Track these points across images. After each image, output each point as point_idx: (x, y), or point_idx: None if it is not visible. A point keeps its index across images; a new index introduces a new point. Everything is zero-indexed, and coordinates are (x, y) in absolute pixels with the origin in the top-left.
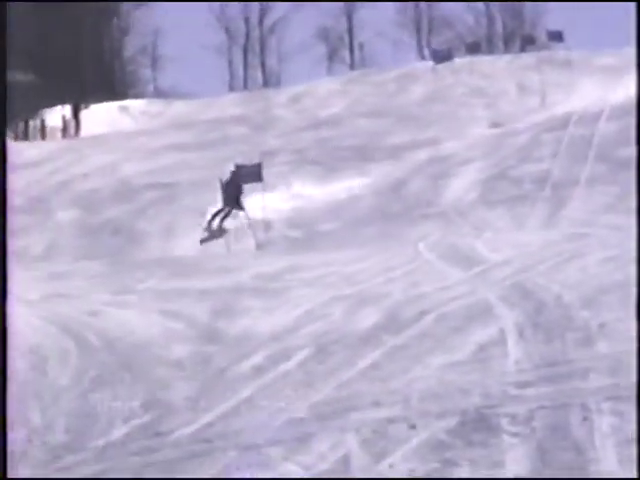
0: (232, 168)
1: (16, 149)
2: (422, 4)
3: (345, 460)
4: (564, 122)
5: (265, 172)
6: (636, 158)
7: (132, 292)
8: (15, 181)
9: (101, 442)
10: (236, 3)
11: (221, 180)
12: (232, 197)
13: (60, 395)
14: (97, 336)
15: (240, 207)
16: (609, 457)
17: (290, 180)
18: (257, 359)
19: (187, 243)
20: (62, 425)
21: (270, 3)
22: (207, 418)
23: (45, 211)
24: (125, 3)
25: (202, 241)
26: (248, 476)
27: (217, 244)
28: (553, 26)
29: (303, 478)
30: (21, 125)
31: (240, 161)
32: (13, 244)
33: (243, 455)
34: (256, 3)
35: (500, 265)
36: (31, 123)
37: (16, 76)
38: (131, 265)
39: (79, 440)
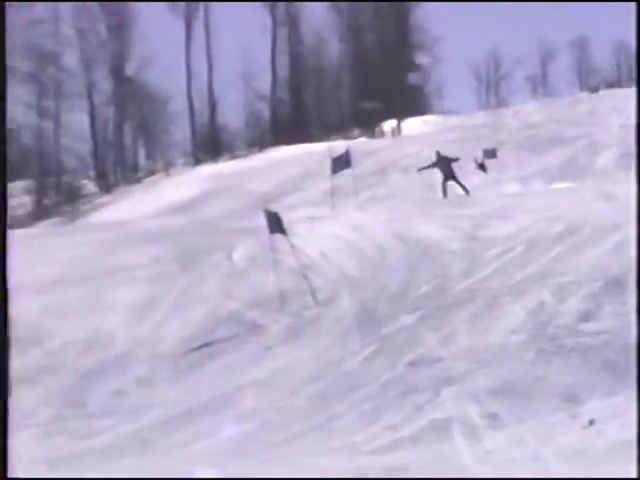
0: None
1: (368, 144)
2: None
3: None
4: None
5: (500, 153)
6: (636, 157)
7: (431, 217)
8: (368, 161)
9: (416, 293)
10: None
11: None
12: (448, 171)
13: (395, 266)
14: (412, 239)
15: (454, 178)
16: None
17: (514, 156)
18: (497, 250)
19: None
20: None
21: None
22: (473, 279)
23: (385, 174)
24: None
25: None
26: None
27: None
28: None
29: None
30: (378, 130)
31: (485, 147)
32: (363, 195)
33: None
34: None
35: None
36: (377, 130)
37: (368, 105)
38: (431, 202)
39: (405, 291)
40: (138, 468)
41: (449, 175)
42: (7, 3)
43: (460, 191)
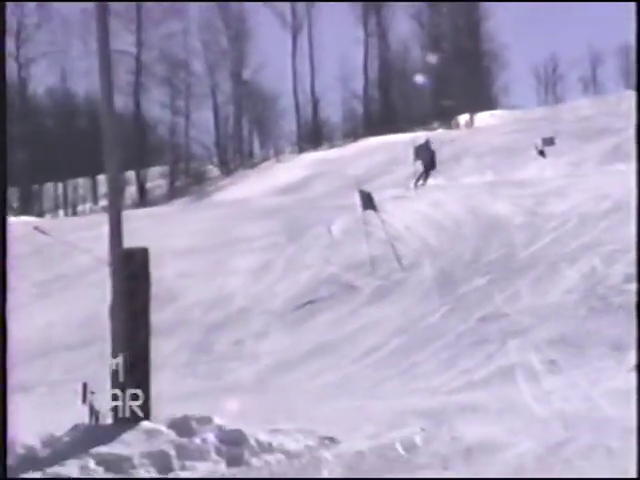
0: (423, 140)
1: (446, 134)
2: None
3: None
4: None
5: (557, 141)
6: (636, 156)
7: (499, 195)
8: (445, 148)
9: (486, 259)
10: None
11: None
12: (428, 160)
13: (468, 237)
14: (483, 214)
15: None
16: None
17: (569, 144)
18: (554, 223)
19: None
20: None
21: None
22: (534, 247)
23: (459, 159)
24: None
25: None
26: None
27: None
28: None
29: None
30: (454, 122)
31: (544, 135)
32: (441, 177)
33: None
34: None
35: None
36: (453, 122)
37: (446, 102)
38: (498, 184)
39: (477, 258)
40: (255, 404)
41: (429, 165)
42: (11, 3)
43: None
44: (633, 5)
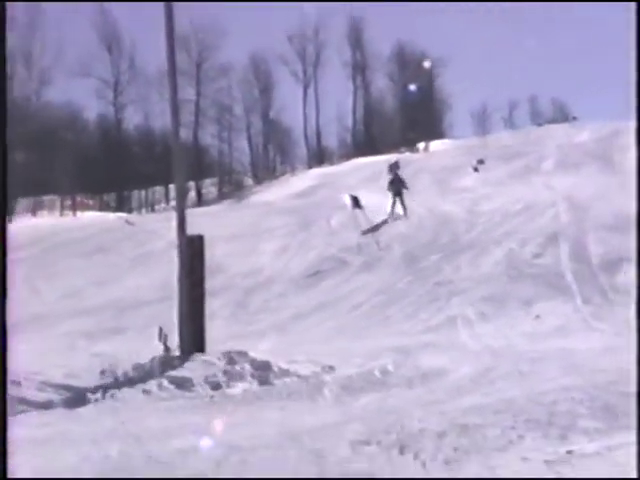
0: (394, 161)
1: (410, 157)
2: None
3: None
4: None
5: (487, 161)
6: (636, 158)
7: (447, 200)
8: (409, 166)
9: (439, 243)
10: None
11: (389, 166)
12: (398, 191)
13: (427, 227)
14: (437, 212)
15: (400, 198)
16: None
17: (494, 164)
18: (484, 218)
19: (465, 182)
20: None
21: None
22: (471, 235)
23: (419, 174)
24: None
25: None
26: None
27: None
28: None
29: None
30: (415, 148)
31: (477, 157)
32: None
33: None
34: None
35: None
36: (414, 148)
37: (410, 134)
38: (446, 192)
39: (433, 242)
40: (278, 343)
41: (397, 194)
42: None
43: (400, 211)
44: (633, 5)
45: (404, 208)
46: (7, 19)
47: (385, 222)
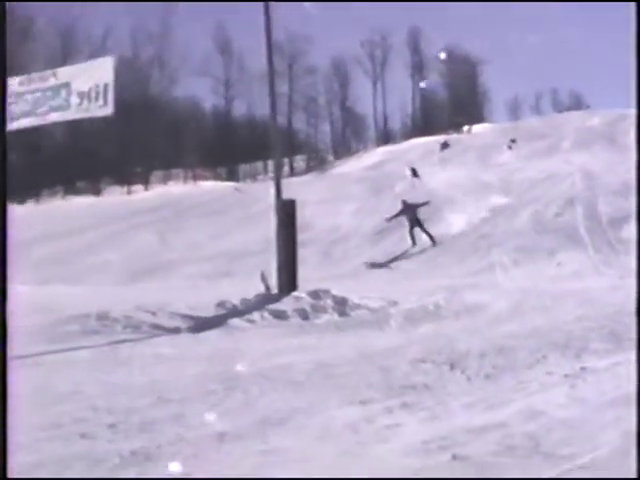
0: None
1: (457, 137)
2: None
3: None
4: None
5: (518, 141)
6: (636, 157)
7: (486, 171)
8: (456, 145)
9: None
10: None
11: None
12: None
13: (469, 190)
14: (477, 180)
15: (420, 226)
16: None
17: (524, 143)
18: (516, 186)
19: (502, 158)
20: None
21: None
22: (517, 199)
23: (464, 151)
24: None
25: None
26: None
27: None
28: None
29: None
30: (461, 130)
31: (511, 138)
32: (455, 161)
33: None
34: None
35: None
36: (460, 130)
37: (457, 119)
38: (485, 165)
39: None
40: (353, 283)
41: (414, 222)
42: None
43: (426, 239)
44: (633, 5)
45: (430, 236)
46: (6, 19)
47: (405, 253)
